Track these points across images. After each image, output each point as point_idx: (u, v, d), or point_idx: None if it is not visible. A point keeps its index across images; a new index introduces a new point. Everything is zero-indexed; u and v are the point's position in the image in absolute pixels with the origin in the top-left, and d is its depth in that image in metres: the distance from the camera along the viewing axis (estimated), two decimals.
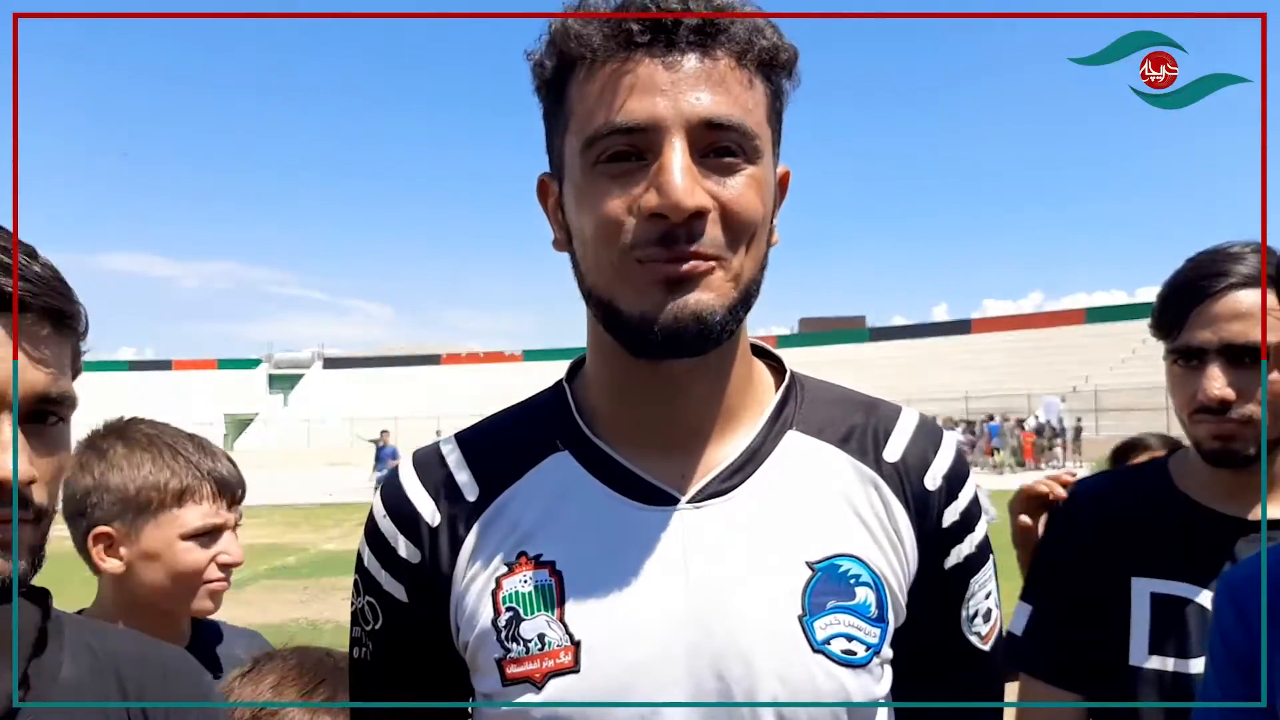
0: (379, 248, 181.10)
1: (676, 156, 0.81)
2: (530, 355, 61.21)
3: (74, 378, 0.91)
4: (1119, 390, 36.88)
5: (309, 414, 51.51)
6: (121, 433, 1.63)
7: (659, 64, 0.82)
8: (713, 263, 0.84)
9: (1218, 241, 1.47)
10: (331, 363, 68.45)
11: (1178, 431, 1.59)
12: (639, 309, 0.84)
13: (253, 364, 68.33)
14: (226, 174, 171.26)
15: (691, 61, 0.83)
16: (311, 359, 69.59)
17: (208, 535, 1.59)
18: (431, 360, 64.81)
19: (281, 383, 65.76)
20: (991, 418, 31.53)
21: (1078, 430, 32.07)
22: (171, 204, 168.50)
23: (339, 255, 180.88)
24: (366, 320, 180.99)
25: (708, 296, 0.84)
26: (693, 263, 0.83)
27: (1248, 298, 1.39)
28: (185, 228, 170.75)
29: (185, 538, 1.57)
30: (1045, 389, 37.13)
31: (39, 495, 0.85)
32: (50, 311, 0.86)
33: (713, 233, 0.83)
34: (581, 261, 0.90)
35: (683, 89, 0.82)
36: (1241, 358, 1.39)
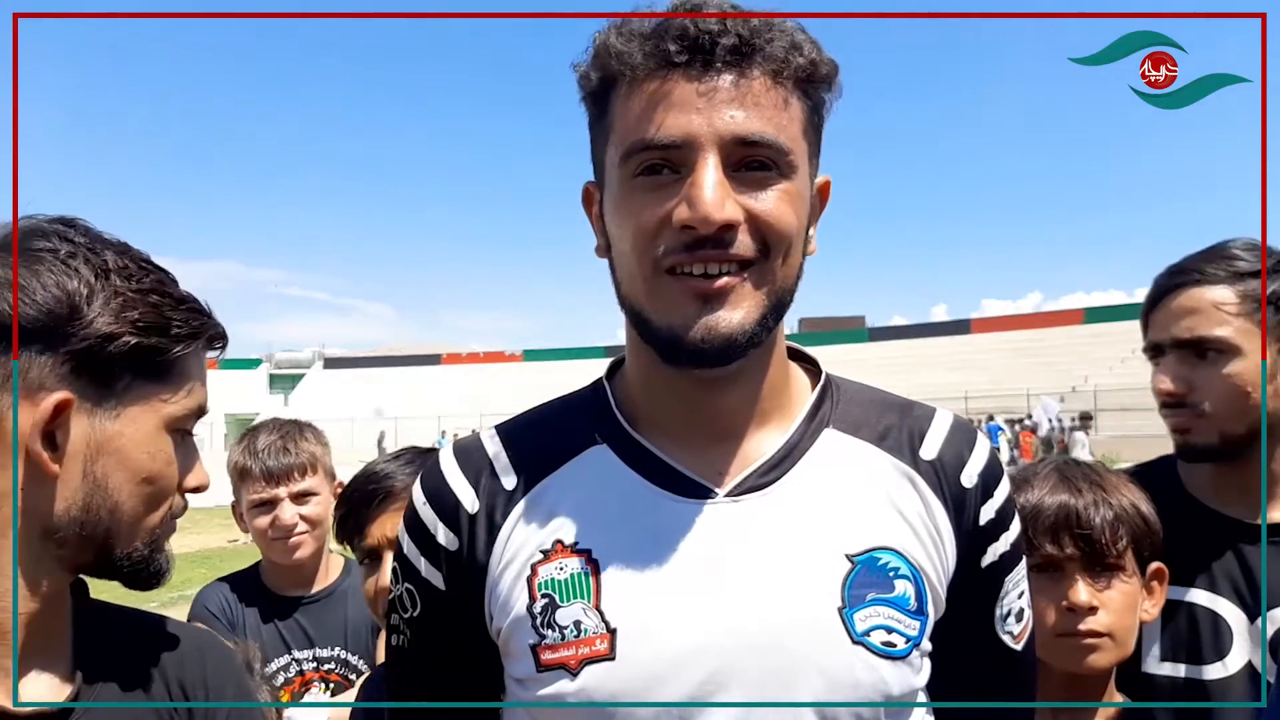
0: (380, 248, 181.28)
1: (708, 172, 0.84)
2: (530, 355, 61.19)
3: None
4: (1118, 390, 36.84)
5: (310, 414, 51.47)
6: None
7: (695, 83, 0.85)
8: (744, 274, 0.86)
9: (1216, 240, 1.47)
10: (332, 363, 68.42)
11: None
12: (668, 322, 0.87)
13: (254, 364, 68.24)
14: (228, 174, 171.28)
15: (727, 81, 0.85)
16: (312, 359, 69.51)
17: (264, 506, 2.09)
18: (432, 360, 64.77)
19: (282, 382, 65.70)
20: (991, 417, 31.47)
21: (1074, 429, 31.99)
22: (172, 204, 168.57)
23: (340, 256, 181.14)
24: (367, 320, 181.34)
25: (737, 315, 0.86)
26: (724, 280, 0.85)
27: (1206, 294, 1.40)
28: (186, 228, 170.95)
29: (251, 507, 2.11)
30: (1044, 389, 37.08)
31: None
32: (218, 339, 0.99)
33: (745, 245, 0.86)
34: (617, 270, 0.92)
35: (717, 107, 0.85)
36: (1198, 353, 1.41)
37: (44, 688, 0.90)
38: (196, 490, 0.99)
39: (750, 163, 0.86)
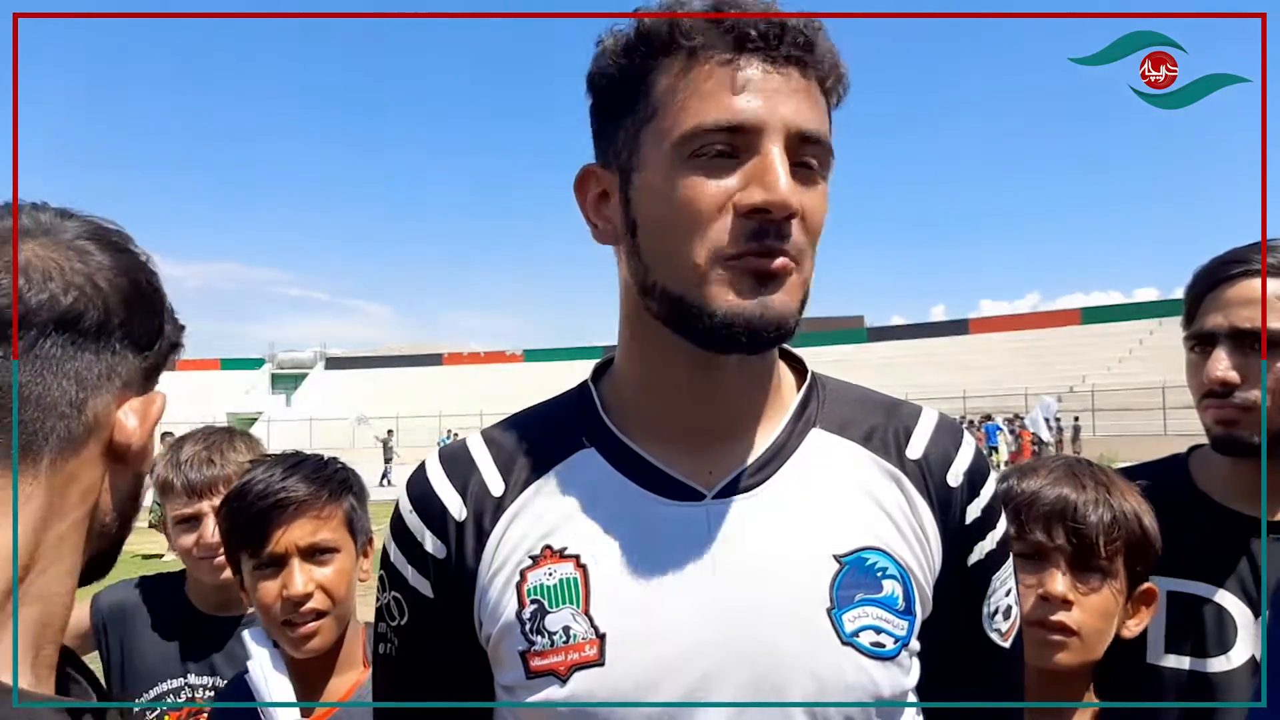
0: (380, 248, 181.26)
1: (778, 157, 0.83)
2: (530, 355, 61.17)
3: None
4: (1116, 390, 36.89)
5: (312, 413, 51.46)
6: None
7: (769, 70, 0.85)
8: (793, 265, 0.86)
9: (1217, 241, 1.47)
10: (333, 363, 68.37)
11: (1173, 432, 1.59)
12: (724, 305, 0.85)
13: (256, 364, 68.25)
14: (228, 174, 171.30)
15: (794, 74, 0.86)
16: (314, 359, 69.44)
17: (188, 522, 1.94)
18: (433, 360, 64.73)
19: (284, 382, 65.67)
20: (989, 417, 31.48)
21: (1076, 430, 32.03)
22: (173, 204, 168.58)
23: (340, 255, 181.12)
24: (368, 320, 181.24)
25: (788, 298, 0.86)
26: (781, 260, 0.85)
27: (1271, 285, 1.37)
28: (187, 228, 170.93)
29: (175, 524, 1.96)
30: (1042, 389, 37.10)
31: None
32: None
33: (796, 236, 0.85)
34: (648, 254, 0.89)
35: (786, 97, 0.85)
36: (1251, 343, 1.38)
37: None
38: None
39: (802, 159, 0.86)
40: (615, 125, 0.92)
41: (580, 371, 1.10)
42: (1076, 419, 32.72)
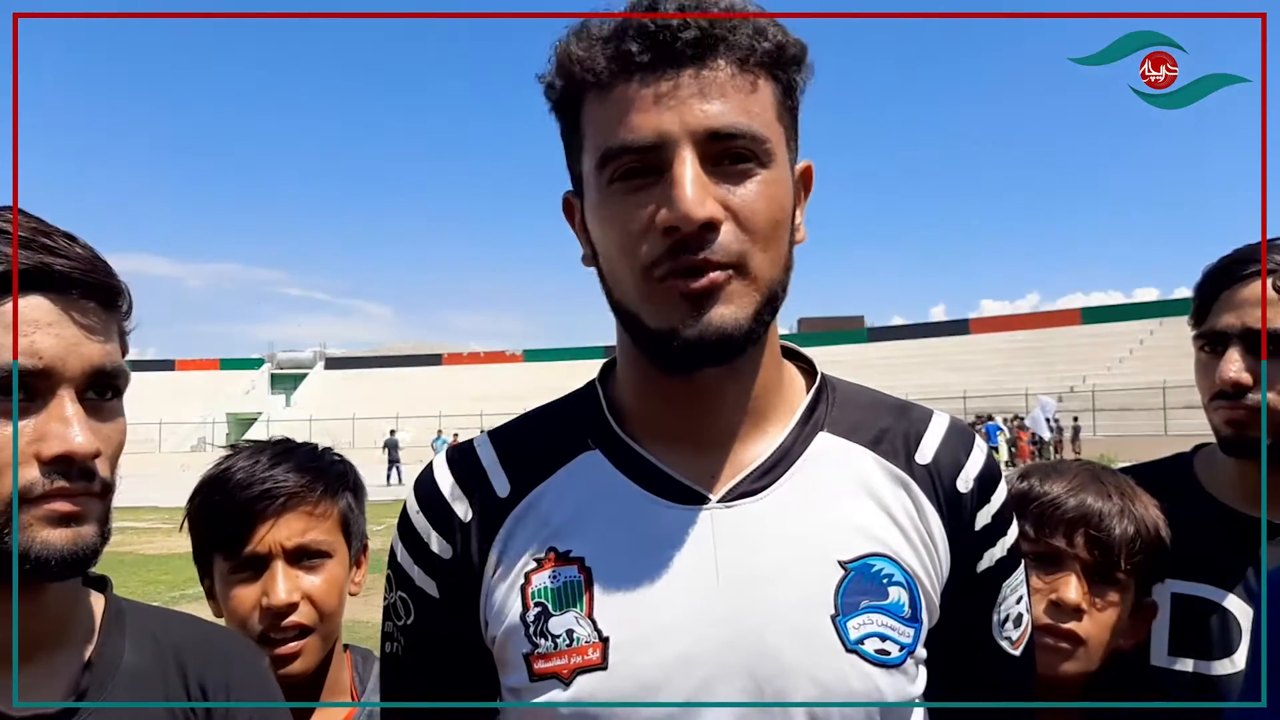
0: (380, 248, 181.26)
1: (686, 170, 0.82)
2: (530, 355, 61.16)
3: (122, 355, 0.92)
4: (1116, 390, 36.88)
5: (311, 414, 51.44)
6: None
7: (660, 81, 0.83)
8: (729, 271, 0.84)
9: (1217, 241, 1.46)
10: (333, 363, 68.32)
11: (1174, 432, 1.58)
12: (662, 325, 0.85)
13: (255, 364, 68.20)
14: (229, 175, 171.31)
15: (692, 74, 0.84)
16: (313, 359, 69.38)
17: None
18: (433, 360, 64.70)
19: (284, 382, 65.63)
20: (990, 417, 31.46)
21: (1076, 430, 32.01)
22: (174, 205, 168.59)
23: (340, 256, 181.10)
24: (368, 320, 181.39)
25: (729, 310, 0.84)
26: (711, 275, 0.83)
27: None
28: (188, 229, 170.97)
29: None
30: (1042, 389, 37.09)
31: (103, 469, 0.85)
32: (96, 288, 0.87)
33: (726, 241, 0.83)
34: (607, 277, 0.91)
35: (686, 102, 0.83)
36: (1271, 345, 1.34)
37: (46, 688, 0.88)
38: (61, 459, 0.81)
39: (728, 155, 0.85)
40: (569, 154, 0.95)
41: (580, 371, 1.10)
42: (1076, 419, 32.69)
